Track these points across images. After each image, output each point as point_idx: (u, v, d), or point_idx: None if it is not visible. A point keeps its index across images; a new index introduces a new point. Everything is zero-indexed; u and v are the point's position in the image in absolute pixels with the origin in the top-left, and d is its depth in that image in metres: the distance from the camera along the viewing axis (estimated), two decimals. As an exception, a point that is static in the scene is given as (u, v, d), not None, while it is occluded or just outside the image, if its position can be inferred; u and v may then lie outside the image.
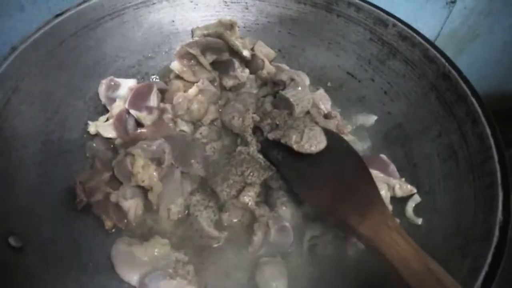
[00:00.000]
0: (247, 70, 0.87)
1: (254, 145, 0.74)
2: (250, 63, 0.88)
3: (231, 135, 0.80)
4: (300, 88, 0.79)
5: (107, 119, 0.79)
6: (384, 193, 0.71)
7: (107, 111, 0.81)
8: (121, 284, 0.63)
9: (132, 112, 0.75)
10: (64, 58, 0.76)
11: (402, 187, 0.72)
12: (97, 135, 0.78)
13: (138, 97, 0.76)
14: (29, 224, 0.62)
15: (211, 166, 0.74)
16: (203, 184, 0.74)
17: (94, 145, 0.77)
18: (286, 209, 0.69)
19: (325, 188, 0.65)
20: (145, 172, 0.68)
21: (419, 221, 0.69)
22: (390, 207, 0.70)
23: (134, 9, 0.85)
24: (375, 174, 0.72)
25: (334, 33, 0.89)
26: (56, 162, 0.72)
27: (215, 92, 0.80)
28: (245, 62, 0.88)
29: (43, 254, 0.61)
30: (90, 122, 0.78)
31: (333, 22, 0.87)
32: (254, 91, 0.87)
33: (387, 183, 0.72)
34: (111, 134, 0.77)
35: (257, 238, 0.65)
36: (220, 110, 0.83)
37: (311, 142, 0.68)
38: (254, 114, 0.77)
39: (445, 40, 1.20)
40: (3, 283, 0.53)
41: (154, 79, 0.91)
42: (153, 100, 0.76)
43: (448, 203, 0.66)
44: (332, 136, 0.71)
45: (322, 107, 0.85)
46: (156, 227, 0.71)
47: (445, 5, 1.11)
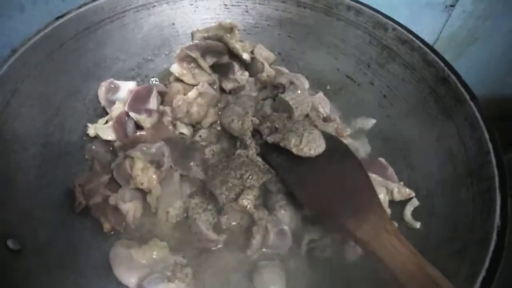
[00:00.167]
0: (246, 73, 0.87)
1: (253, 148, 0.75)
2: (250, 66, 0.89)
3: (230, 138, 0.80)
4: (299, 92, 0.80)
5: (107, 122, 0.79)
6: (382, 197, 0.71)
7: (107, 113, 0.81)
8: (119, 286, 0.63)
9: (132, 114, 0.75)
10: (64, 60, 0.76)
11: (400, 191, 0.72)
12: (97, 137, 0.78)
13: (138, 99, 0.76)
14: (28, 227, 0.62)
15: (210, 169, 0.74)
16: (202, 187, 0.74)
17: (94, 147, 0.77)
18: (285, 213, 0.69)
19: (324, 191, 0.65)
20: (144, 175, 0.68)
21: (417, 225, 0.69)
22: (388, 210, 0.70)
23: (134, 12, 0.85)
24: (374, 177, 0.72)
25: (334, 37, 0.89)
26: (55, 165, 0.72)
27: (214, 95, 0.81)
28: (245, 65, 0.89)
29: (41, 256, 0.61)
30: (89, 124, 0.78)
31: (333, 25, 0.88)
32: (254, 94, 0.87)
33: (386, 186, 0.73)
34: (110, 137, 0.77)
35: (256, 241, 0.65)
36: (220, 113, 0.83)
37: (310, 146, 0.68)
38: (254, 117, 0.78)
39: (444, 44, 1.20)
40: (1, 286, 0.53)
41: (153, 82, 0.91)
42: (152, 103, 0.76)
43: (446, 207, 0.66)
44: (331, 139, 0.71)
45: (321, 111, 0.85)
46: (155, 230, 0.71)
47: (444, 8, 1.11)
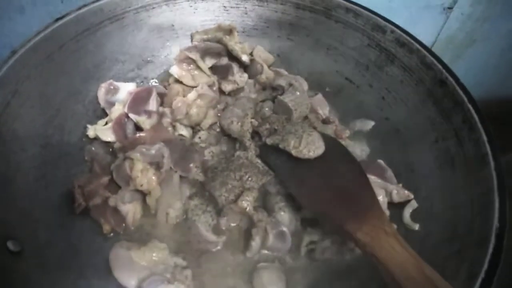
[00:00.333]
0: (246, 75, 0.87)
1: (253, 150, 0.75)
2: (249, 68, 0.89)
3: (230, 140, 0.81)
4: (298, 93, 0.80)
5: (106, 123, 0.79)
6: (381, 199, 0.71)
7: (106, 114, 0.81)
8: (118, 288, 0.64)
9: (132, 116, 0.75)
10: (64, 61, 0.76)
11: (399, 193, 0.72)
12: (96, 138, 0.78)
13: (138, 101, 0.76)
14: (27, 228, 0.62)
15: (210, 171, 0.74)
16: (202, 188, 0.74)
17: (93, 148, 0.77)
18: (284, 214, 0.70)
19: (323, 193, 0.65)
20: (144, 176, 0.68)
21: (416, 226, 0.69)
22: (387, 212, 0.71)
23: (134, 13, 0.85)
24: (373, 179, 0.72)
25: (333, 39, 0.89)
26: (55, 166, 0.72)
27: (214, 97, 0.81)
28: (244, 66, 0.89)
29: (41, 258, 0.61)
30: (89, 125, 0.78)
31: (332, 28, 0.88)
32: (253, 95, 0.87)
33: (385, 188, 0.73)
34: (110, 138, 0.77)
35: (255, 243, 0.66)
36: (219, 114, 0.83)
37: (309, 147, 0.69)
38: (253, 119, 0.78)
39: (442, 46, 1.20)
40: (1, 288, 0.53)
41: (153, 83, 0.91)
42: (152, 104, 0.77)
43: (444, 209, 0.66)
44: (330, 141, 0.72)
45: (320, 112, 0.86)
46: (154, 232, 0.71)
47: (442, 11, 1.11)
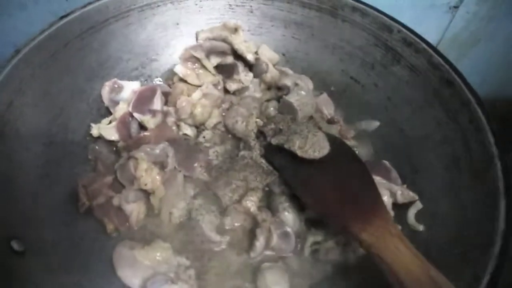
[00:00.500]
0: (251, 74, 0.87)
1: (257, 150, 0.75)
2: (254, 67, 0.88)
3: (234, 139, 0.80)
4: (304, 93, 0.80)
5: (110, 122, 0.79)
6: (386, 199, 0.71)
7: (110, 113, 0.81)
8: (122, 288, 0.64)
9: (136, 115, 0.75)
10: (68, 60, 0.76)
11: (404, 194, 0.71)
12: (100, 137, 0.78)
13: (142, 100, 0.76)
14: (31, 228, 0.62)
15: (214, 170, 0.74)
16: (206, 188, 0.74)
17: (97, 147, 0.77)
18: (288, 214, 0.69)
19: (328, 193, 0.65)
20: (148, 176, 0.68)
21: (421, 227, 0.68)
22: (391, 213, 0.70)
23: (138, 11, 0.84)
24: (377, 180, 0.72)
25: (339, 38, 0.88)
26: (59, 165, 0.72)
27: (219, 96, 0.80)
28: (249, 66, 0.88)
29: (44, 258, 0.61)
30: (93, 124, 0.78)
31: (338, 27, 0.87)
32: (258, 95, 0.87)
33: (389, 189, 0.72)
34: (114, 137, 0.77)
35: (259, 243, 0.65)
36: (224, 114, 0.83)
37: (315, 148, 0.68)
38: (258, 118, 0.78)
39: (447, 45, 1.19)
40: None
41: (157, 82, 0.91)
42: (156, 103, 0.76)
43: (449, 210, 0.66)
44: (335, 141, 0.71)
45: (325, 112, 0.85)
46: (158, 231, 0.71)
47: (448, 10, 1.10)
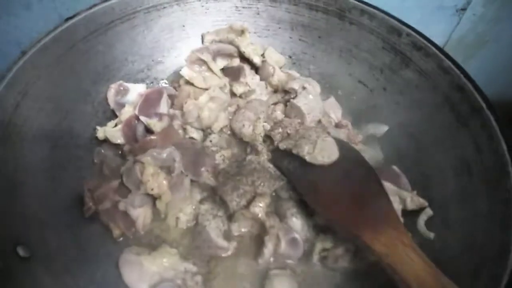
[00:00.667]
0: (257, 77, 0.86)
1: (265, 154, 0.74)
2: (260, 69, 0.88)
3: (241, 143, 0.79)
4: (311, 97, 0.79)
5: (116, 125, 0.78)
6: (395, 206, 0.69)
7: (116, 116, 0.80)
8: (129, 294, 0.63)
9: (142, 118, 0.74)
10: (73, 62, 0.75)
11: (413, 200, 0.70)
12: (106, 140, 0.77)
13: (148, 103, 0.75)
14: (37, 233, 0.61)
15: (221, 175, 0.73)
16: (213, 193, 0.73)
17: (103, 151, 0.76)
18: (296, 220, 0.69)
19: (338, 200, 0.64)
20: (155, 181, 0.67)
21: (431, 235, 0.67)
22: (401, 220, 0.69)
23: (144, 13, 0.84)
24: (387, 185, 0.71)
25: (346, 41, 0.88)
26: (64, 168, 0.71)
27: (226, 99, 0.79)
28: (255, 68, 0.88)
29: (50, 263, 0.60)
30: (98, 127, 0.77)
31: (345, 29, 0.86)
32: (264, 98, 0.86)
33: (399, 195, 0.71)
34: (119, 140, 0.76)
35: (268, 250, 0.64)
36: (230, 117, 0.81)
37: (324, 153, 0.67)
38: (265, 122, 0.76)
39: (453, 47, 1.19)
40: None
41: (163, 84, 0.90)
42: (163, 107, 0.75)
43: (462, 218, 0.65)
44: (344, 147, 0.71)
45: (333, 116, 0.84)
46: (164, 236, 0.70)
47: (455, 12, 1.10)
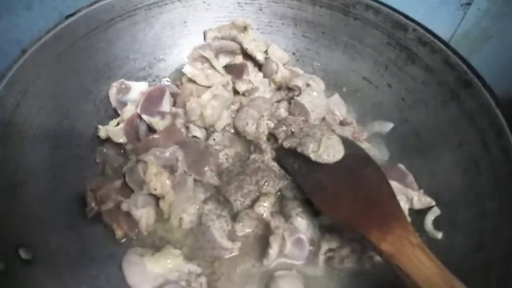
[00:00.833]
0: (260, 74, 0.85)
1: (269, 153, 0.73)
2: (264, 66, 0.86)
3: (244, 142, 0.78)
4: (316, 94, 0.77)
5: (118, 124, 0.77)
6: (402, 205, 0.68)
7: (118, 115, 0.79)
8: (132, 296, 0.62)
9: (145, 117, 0.73)
10: (74, 60, 0.74)
11: (420, 199, 0.70)
12: (108, 140, 0.76)
13: (150, 101, 0.74)
14: (39, 235, 0.60)
15: (225, 174, 0.72)
16: (216, 192, 0.72)
17: (105, 150, 0.75)
18: (301, 220, 0.68)
19: (344, 200, 0.63)
20: (158, 180, 0.66)
21: (439, 235, 0.66)
22: (408, 219, 0.68)
23: (145, 10, 0.82)
24: (393, 184, 0.69)
25: (350, 37, 0.86)
26: (66, 168, 0.70)
27: (229, 97, 0.78)
28: (258, 65, 0.86)
29: (53, 265, 0.59)
30: (100, 126, 0.76)
31: (350, 25, 0.85)
32: (268, 95, 0.85)
33: (405, 194, 0.70)
34: (121, 139, 0.75)
35: (273, 251, 0.63)
36: (233, 115, 0.80)
37: (329, 152, 0.66)
38: (269, 120, 0.75)
39: (458, 42, 1.17)
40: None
41: (165, 82, 0.89)
42: (165, 105, 0.74)
43: (470, 217, 0.64)
44: (349, 145, 0.69)
45: (337, 113, 0.83)
46: (168, 237, 0.69)
47: (460, 7, 1.08)
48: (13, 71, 0.64)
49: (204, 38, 0.88)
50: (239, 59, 0.84)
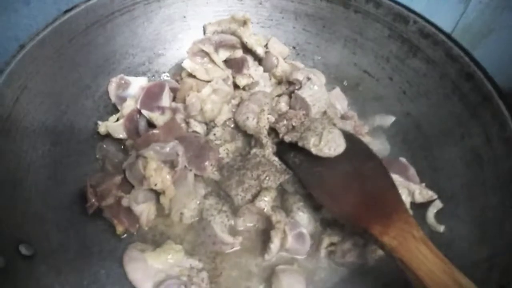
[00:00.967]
0: (261, 68, 0.84)
1: (270, 147, 0.72)
2: (264, 60, 0.86)
3: (245, 136, 0.78)
4: (316, 88, 0.77)
5: (118, 119, 0.77)
6: (404, 198, 0.68)
7: (117, 110, 0.79)
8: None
9: (144, 112, 0.73)
10: (73, 55, 0.74)
11: (422, 193, 0.69)
12: (107, 135, 0.75)
13: (150, 96, 0.74)
14: (39, 231, 0.60)
15: (225, 169, 0.72)
16: (217, 187, 0.71)
17: (104, 146, 0.75)
18: (303, 214, 0.68)
19: (345, 193, 0.63)
20: (158, 175, 0.66)
21: (441, 228, 0.66)
22: (410, 212, 0.68)
23: (144, 4, 0.81)
24: (395, 178, 0.69)
25: (351, 30, 0.86)
26: (66, 164, 0.70)
27: (229, 92, 0.78)
28: (259, 59, 0.86)
29: (53, 261, 0.59)
30: (100, 122, 0.76)
31: (350, 18, 0.84)
32: (268, 89, 0.84)
33: (407, 188, 0.70)
34: (121, 135, 0.75)
35: (274, 245, 0.63)
36: (234, 110, 0.80)
37: (330, 145, 0.66)
38: (269, 114, 0.75)
39: (460, 35, 1.17)
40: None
41: (164, 77, 0.88)
42: (165, 100, 0.74)
43: (472, 211, 0.64)
44: (351, 138, 0.69)
45: (339, 107, 0.83)
46: (168, 232, 0.69)
47: (462, 0, 1.08)
48: (12, 66, 0.64)
49: (204, 33, 0.88)
50: (239, 53, 0.83)
